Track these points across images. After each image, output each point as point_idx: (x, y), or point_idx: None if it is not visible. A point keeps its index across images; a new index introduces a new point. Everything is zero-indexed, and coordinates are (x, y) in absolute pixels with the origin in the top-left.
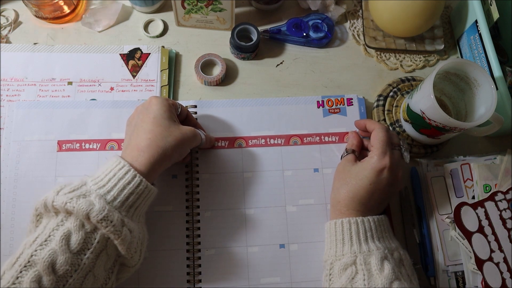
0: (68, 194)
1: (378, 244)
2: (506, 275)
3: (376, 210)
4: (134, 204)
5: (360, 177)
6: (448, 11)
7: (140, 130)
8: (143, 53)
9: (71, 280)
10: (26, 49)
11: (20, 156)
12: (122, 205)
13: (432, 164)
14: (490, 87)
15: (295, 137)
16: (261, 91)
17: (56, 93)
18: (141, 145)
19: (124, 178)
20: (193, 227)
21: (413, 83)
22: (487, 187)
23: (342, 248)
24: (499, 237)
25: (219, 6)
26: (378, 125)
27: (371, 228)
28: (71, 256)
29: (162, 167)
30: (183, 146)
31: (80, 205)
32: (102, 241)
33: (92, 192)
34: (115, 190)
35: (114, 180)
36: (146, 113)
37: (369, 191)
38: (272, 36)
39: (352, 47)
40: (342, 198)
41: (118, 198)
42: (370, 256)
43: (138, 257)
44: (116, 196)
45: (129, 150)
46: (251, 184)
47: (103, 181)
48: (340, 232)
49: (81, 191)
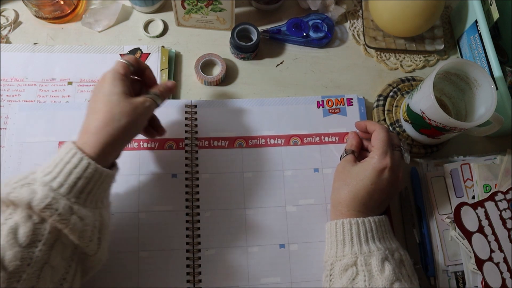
0: (13, 184)
1: (379, 245)
2: (506, 275)
3: (376, 211)
4: (84, 189)
5: (360, 177)
6: (448, 11)
7: (90, 111)
8: (143, 53)
9: (24, 275)
10: (26, 49)
11: (22, 157)
12: (70, 191)
13: (432, 164)
14: (490, 87)
15: (295, 137)
16: (261, 91)
17: (56, 93)
18: (91, 127)
19: (70, 162)
20: (193, 227)
21: (413, 83)
22: (487, 187)
23: (342, 249)
24: (499, 237)
25: (219, 6)
26: (379, 126)
27: (371, 229)
28: (20, 250)
29: (118, 146)
30: (137, 121)
31: (22, 194)
32: (53, 231)
33: (37, 180)
34: (61, 175)
35: (61, 165)
36: (97, 92)
37: (370, 192)
38: (272, 36)
39: (352, 47)
40: (343, 198)
41: (65, 184)
42: (370, 257)
43: (95, 245)
44: (62, 182)
45: (81, 134)
46: (251, 184)
47: (50, 167)
48: (340, 232)
49: (26, 180)
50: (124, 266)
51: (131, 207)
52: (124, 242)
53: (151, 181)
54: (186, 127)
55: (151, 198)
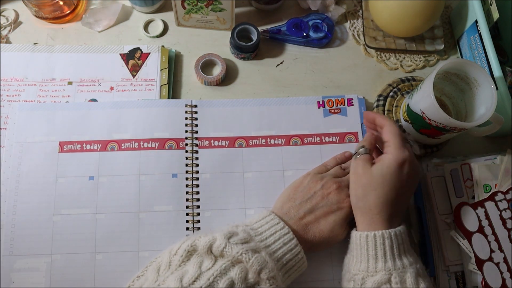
0: (240, 245)
1: (410, 259)
2: (506, 275)
3: (402, 210)
4: (289, 271)
5: (386, 178)
6: (448, 11)
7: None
8: (143, 52)
9: None
10: (26, 49)
11: (22, 157)
12: (281, 268)
13: (432, 164)
14: (490, 87)
15: (295, 137)
16: (261, 91)
17: (56, 93)
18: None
19: (288, 244)
20: (193, 227)
21: (413, 83)
22: (487, 187)
23: (375, 264)
24: (499, 237)
25: (219, 6)
26: (389, 120)
27: (403, 241)
28: None
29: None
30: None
31: (257, 259)
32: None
33: (261, 249)
34: (280, 252)
35: (280, 243)
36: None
37: (398, 191)
38: (272, 36)
39: (352, 47)
40: (373, 205)
41: (280, 261)
42: (405, 273)
43: None
44: (279, 258)
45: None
46: (251, 184)
47: (269, 241)
48: (372, 247)
49: (251, 245)
50: (125, 266)
51: (131, 207)
52: (124, 242)
53: (151, 181)
54: (186, 127)
55: (151, 198)
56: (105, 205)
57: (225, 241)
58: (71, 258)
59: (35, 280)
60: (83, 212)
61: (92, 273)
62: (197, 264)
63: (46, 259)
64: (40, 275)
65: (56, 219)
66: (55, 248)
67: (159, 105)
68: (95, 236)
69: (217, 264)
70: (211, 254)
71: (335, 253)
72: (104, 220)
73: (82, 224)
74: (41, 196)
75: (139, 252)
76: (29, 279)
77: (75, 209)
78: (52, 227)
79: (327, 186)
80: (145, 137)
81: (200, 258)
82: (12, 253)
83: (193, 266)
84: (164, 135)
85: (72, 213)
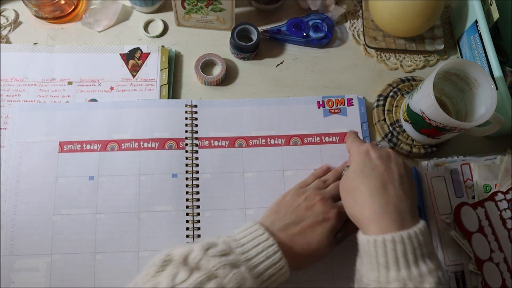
0: (218, 258)
1: (430, 265)
2: (506, 275)
3: (410, 206)
4: (269, 286)
5: (361, 171)
6: (448, 11)
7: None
8: (143, 52)
9: None
10: (26, 49)
11: (22, 157)
12: (261, 284)
13: (432, 164)
14: (490, 87)
15: (295, 137)
16: (261, 91)
17: (56, 93)
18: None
19: (271, 258)
20: (193, 227)
21: (413, 83)
22: (487, 187)
23: (386, 274)
24: (499, 237)
25: (219, 6)
26: (347, 136)
27: (419, 244)
28: None
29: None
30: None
31: (235, 275)
32: None
33: (241, 263)
34: (261, 267)
35: (262, 257)
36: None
37: (382, 178)
38: (272, 36)
39: (352, 47)
40: (367, 203)
41: (261, 277)
42: (422, 283)
43: None
44: (260, 273)
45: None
46: (251, 184)
47: (251, 254)
48: (382, 254)
49: (230, 258)
50: (125, 266)
51: (131, 207)
52: (124, 242)
53: (151, 181)
54: (186, 127)
55: (151, 198)
56: (105, 205)
57: (201, 252)
58: (71, 258)
59: (35, 280)
60: (83, 212)
61: (92, 273)
62: (171, 276)
63: (46, 259)
64: (40, 275)
65: (56, 219)
66: (55, 248)
67: (159, 105)
68: (95, 236)
69: (192, 277)
70: (187, 265)
71: (335, 253)
72: (104, 220)
73: (82, 224)
74: (41, 196)
75: (139, 252)
76: (29, 279)
77: (75, 209)
78: (52, 227)
79: (310, 198)
80: (145, 137)
81: (175, 269)
82: (12, 253)
83: (167, 278)
84: (164, 135)
85: (72, 213)
